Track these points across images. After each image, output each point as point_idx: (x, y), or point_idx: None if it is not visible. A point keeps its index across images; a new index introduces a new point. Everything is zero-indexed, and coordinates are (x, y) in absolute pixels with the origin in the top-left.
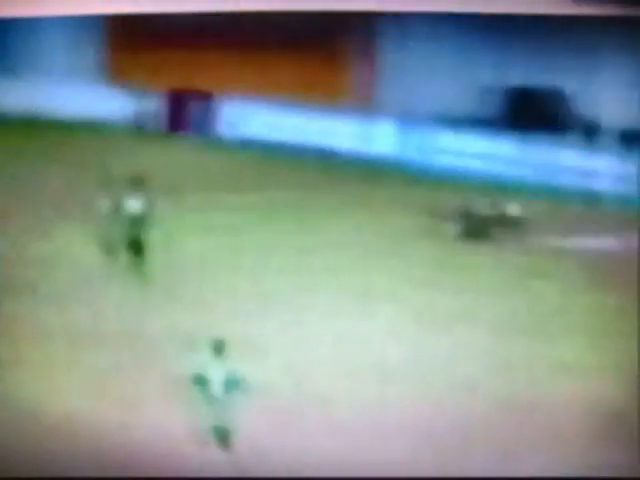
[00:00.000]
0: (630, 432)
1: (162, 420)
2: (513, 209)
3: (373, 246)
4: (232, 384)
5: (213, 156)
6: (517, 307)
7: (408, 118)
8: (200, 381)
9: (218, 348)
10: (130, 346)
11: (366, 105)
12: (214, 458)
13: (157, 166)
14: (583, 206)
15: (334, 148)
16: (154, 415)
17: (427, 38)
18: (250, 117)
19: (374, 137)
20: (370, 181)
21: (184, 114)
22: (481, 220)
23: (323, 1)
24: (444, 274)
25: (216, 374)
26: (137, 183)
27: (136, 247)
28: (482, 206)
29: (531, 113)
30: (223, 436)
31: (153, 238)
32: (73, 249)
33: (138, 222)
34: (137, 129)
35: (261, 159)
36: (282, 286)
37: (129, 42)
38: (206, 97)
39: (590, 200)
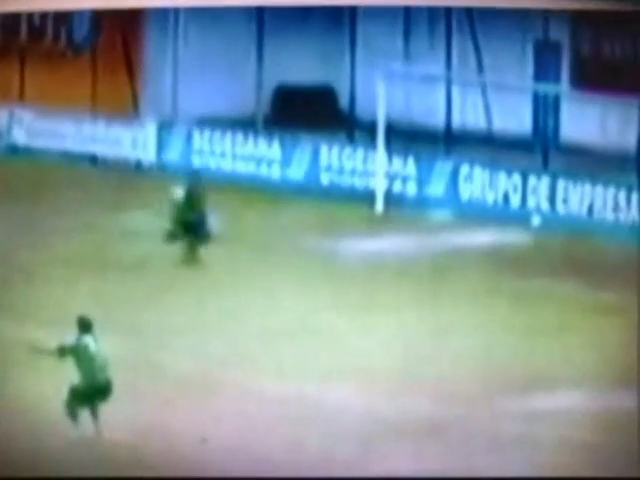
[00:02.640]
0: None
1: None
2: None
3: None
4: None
5: None
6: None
7: (170, 120)
8: None
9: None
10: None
11: (126, 109)
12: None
13: None
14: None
15: (96, 155)
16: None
17: (193, 37)
18: (16, 124)
19: (136, 141)
20: (129, 186)
21: None
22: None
23: None
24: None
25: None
26: None
27: None
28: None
29: (299, 112)
30: None
31: None
32: None
33: None
34: None
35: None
36: None
37: None
38: None
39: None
